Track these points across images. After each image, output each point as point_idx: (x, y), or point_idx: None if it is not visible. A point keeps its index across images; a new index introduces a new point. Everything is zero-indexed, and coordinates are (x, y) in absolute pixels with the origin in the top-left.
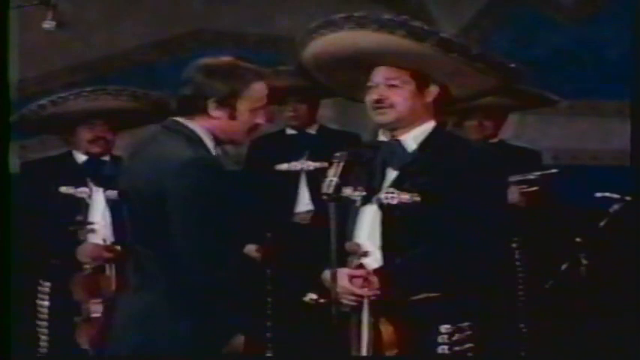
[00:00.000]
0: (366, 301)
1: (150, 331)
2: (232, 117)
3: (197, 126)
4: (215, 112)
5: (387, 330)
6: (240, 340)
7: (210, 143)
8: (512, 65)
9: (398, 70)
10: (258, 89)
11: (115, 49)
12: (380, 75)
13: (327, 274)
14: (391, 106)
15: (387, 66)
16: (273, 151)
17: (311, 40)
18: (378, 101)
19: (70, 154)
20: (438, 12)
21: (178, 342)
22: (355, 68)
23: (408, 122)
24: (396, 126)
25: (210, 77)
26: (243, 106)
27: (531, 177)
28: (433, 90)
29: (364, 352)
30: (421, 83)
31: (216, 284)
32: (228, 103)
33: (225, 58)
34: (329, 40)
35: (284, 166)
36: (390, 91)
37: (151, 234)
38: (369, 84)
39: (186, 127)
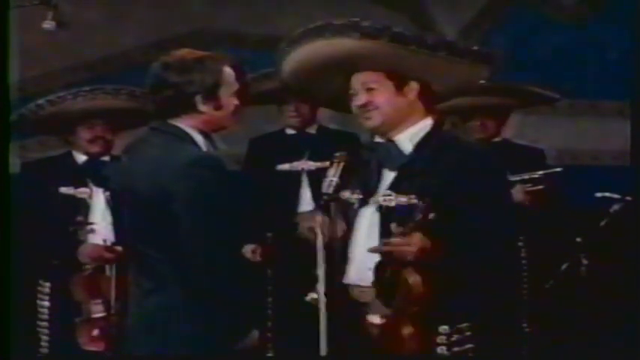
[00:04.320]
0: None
1: (165, 332)
2: (218, 107)
3: (184, 124)
4: (203, 107)
5: (418, 286)
6: (255, 335)
7: (200, 140)
8: (475, 48)
9: (372, 73)
10: (229, 72)
11: (115, 49)
12: (357, 81)
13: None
14: (375, 108)
15: (361, 71)
16: (273, 151)
17: (282, 58)
18: (362, 106)
19: (70, 155)
20: (437, 13)
21: (192, 342)
22: (334, 77)
23: (396, 122)
24: (386, 128)
25: (186, 74)
26: (224, 94)
27: (536, 176)
28: (413, 86)
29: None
30: (398, 82)
31: (228, 282)
32: (212, 94)
33: (183, 52)
34: (298, 55)
35: (286, 166)
36: (370, 95)
37: (160, 237)
38: (350, 92)
39: (176, 127)
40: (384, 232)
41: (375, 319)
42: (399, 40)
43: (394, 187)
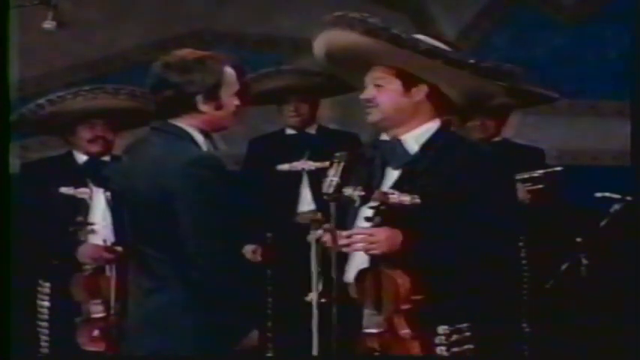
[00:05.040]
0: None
1: (165, 332)
2: (218, 107)
3: (185, 124)
4: (203, 107)
5: (403, 281)
6: (254, 335)
7: (200, 140)
8: (472, 61)
9: (385, 69)
10: (230, 72)
11: (115, 49)
12: (370, 75)
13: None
14: (375, 106)
15: (376, 65)
16: (273, 151)
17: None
18: (366, 101)
19: (70, 155)
20: (438, 12)
21: (193, 342)
22: (357, 67)
23: (397, 121)
24: (384, 125)
25: (187, 74)
26: (225, 94)
27: (536, 175)
28: (422, 88)
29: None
30: (407, 82)
31: (228, 282)
32: (213, 94)
33: (184, 52)
34: (318, 43)
35: (285, 166)
36: (376, 90)
37: (160, 237)
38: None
39: (176, 127)
40: None
41: (372, 329)
42: (395, 42)
43: (397, 186)
